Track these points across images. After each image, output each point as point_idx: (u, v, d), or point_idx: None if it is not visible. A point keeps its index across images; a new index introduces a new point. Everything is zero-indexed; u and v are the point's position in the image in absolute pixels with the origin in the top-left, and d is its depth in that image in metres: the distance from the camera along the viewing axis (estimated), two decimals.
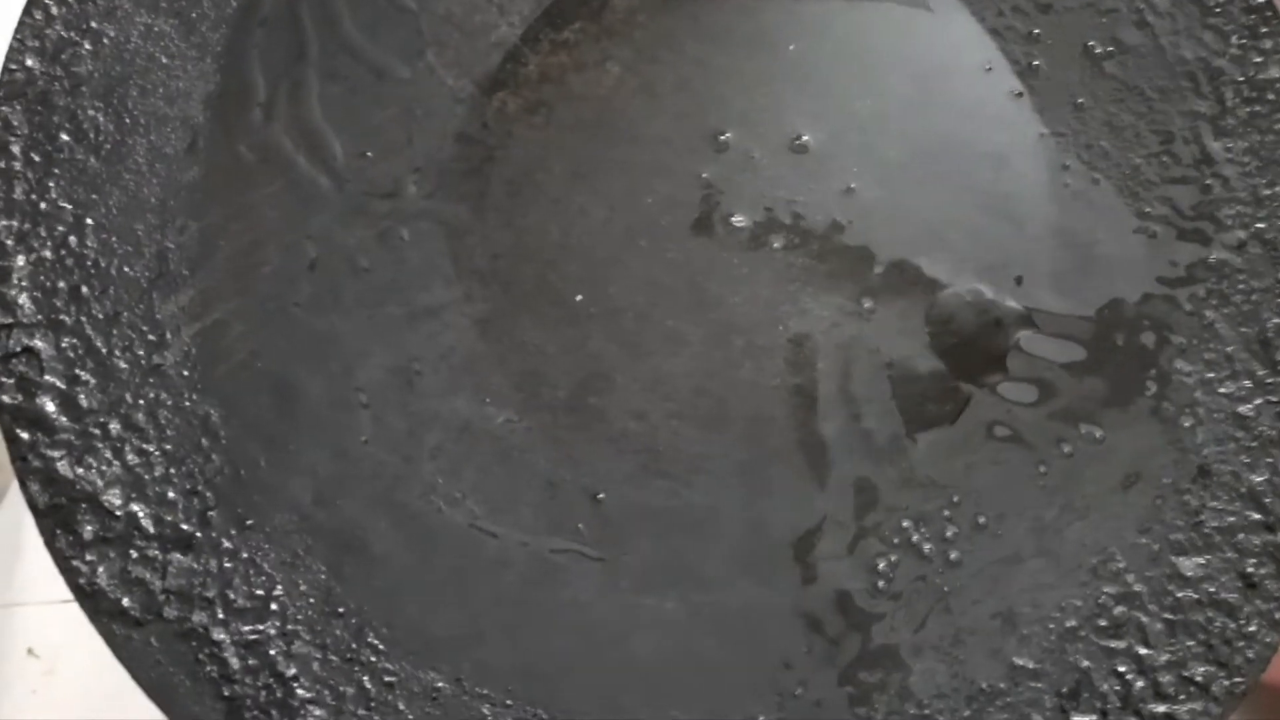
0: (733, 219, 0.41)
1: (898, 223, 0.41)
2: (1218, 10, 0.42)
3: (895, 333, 0.40)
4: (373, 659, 0.35)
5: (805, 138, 0.42)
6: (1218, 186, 0.42)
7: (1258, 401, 0.39)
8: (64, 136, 0.38)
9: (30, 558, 0.83)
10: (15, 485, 0.84)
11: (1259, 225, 0.41)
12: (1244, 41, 0.42)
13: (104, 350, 0.36)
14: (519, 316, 0.39)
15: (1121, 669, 0.37)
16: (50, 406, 0.35)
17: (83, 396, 0.36)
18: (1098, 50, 0.43)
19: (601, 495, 0.37)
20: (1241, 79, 0.42)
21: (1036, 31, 0.43)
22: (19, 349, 0.36)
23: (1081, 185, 0.42)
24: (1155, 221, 0.42)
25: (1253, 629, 0.37)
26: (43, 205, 0.37)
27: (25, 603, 0.82)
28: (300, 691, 0.34)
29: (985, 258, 0.41)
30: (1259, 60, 0.42)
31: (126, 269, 0.37)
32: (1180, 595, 0.37)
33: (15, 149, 0.37)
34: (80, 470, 0.35)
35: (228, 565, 0.35)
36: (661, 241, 0.40)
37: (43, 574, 0.82)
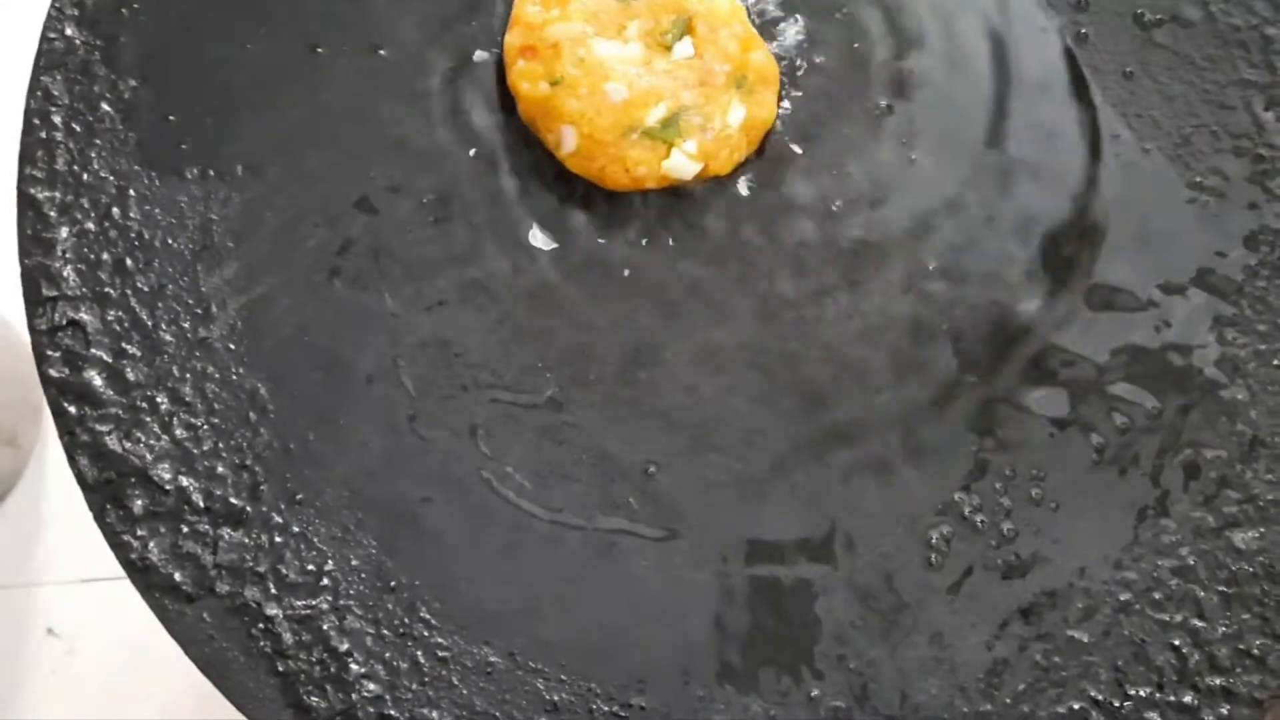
0: (783, 187, 0.40)
1: (952, 194, 0.40)
2: None
3: (949, 308, 0.39)
4: (426, 634, 0.35)
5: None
6: (1269, 156, 0.41)
7: None
8: (105, 107, 0.37)
9: (49, 538, 0.83)
10: (31, 465, 0.84)
11: None
12: None
13: (149, 323, 0.36)
14: (567, 289, 0.39)
15: (1177, 642, 0.36)
16: (97, 380, 0.35)
17: (129, 370, 0.35)
18: (1148, 18, 0.42)
19: (653, 469, 0.37)
20: None
21: (1085, 0, 0.43)
22: (65, 322, 0.35)
23: (1132, 156, 0.41)
24: (1207, 192, 0.41)
25: None
26: (85, 176, 0.37)
27: (44, 582, 0.82)
28: (354, 666, 0.34)
29: (1037, 232, 0.40)
30: None
31: (170, 241, 0.37)
32: (1235, 568, 0.37)
33: (56, 119, 0.37)
34: (129, 444, 0.34)
35: (279, 540, 0.35)
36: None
37: (62, 554, 0.82)
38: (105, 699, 0.80)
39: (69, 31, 0.37)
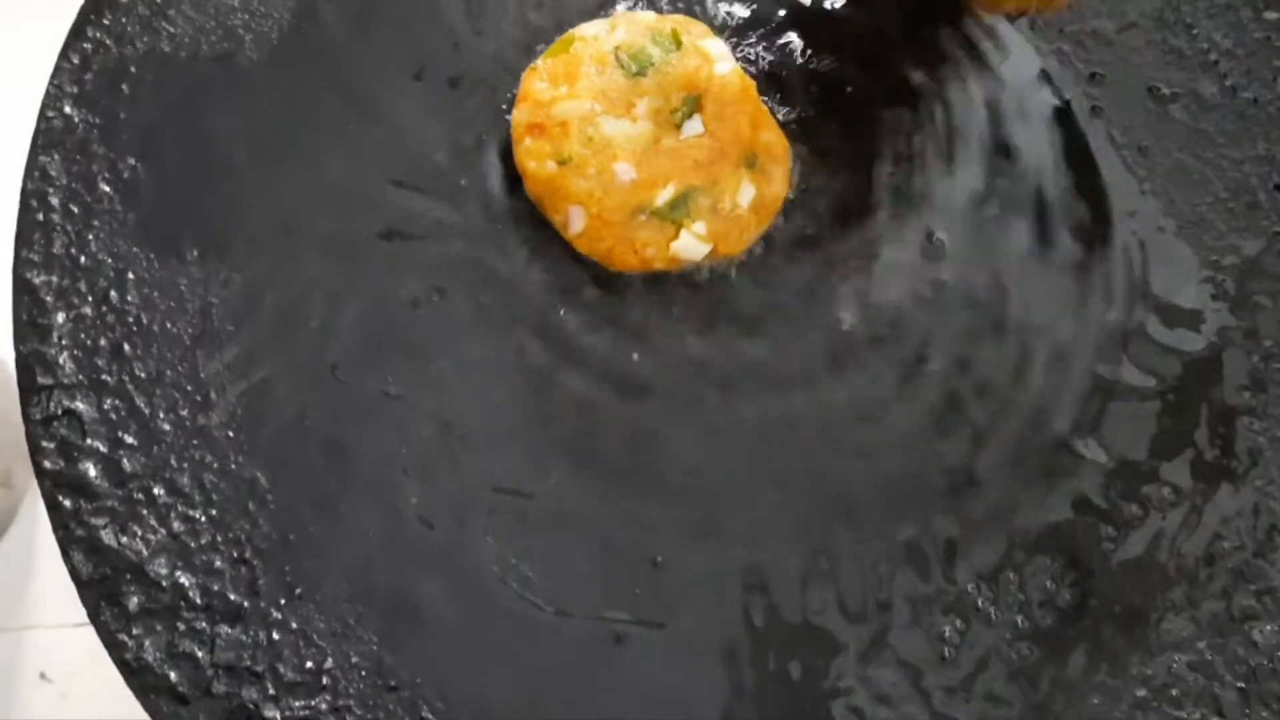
0: (793, 267, 0.39)
1: (965, 274, 0.40)
2: None
3: (963, 394, 0.39)
4: None
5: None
6: None
7: None
8: (104, 187, 0.36)
9: (41, 581, 0.81)
10: (25, 506, 0.82)
11: None
12: None
13: (147, 412, 0.35)
14: (572, 371, 0.38)
15: None
16: (93, 472, 0.34)
17: (126, 460, 0.35)
18: (1163, 92, 0.42)
19: (659, 559, 0.36)
20: None
21: (1099, 73, 0.42)
22: (60, 411, 0.34)
23: (1147, 233, 0.41)
24: (1222, 271, 0.41)
25: None
26: (83, 259, 0.36)
27: (37, 626, 0.81)
28: None
29: (1055, 315, 0.40)
30: None
31: (169, 325, 0.36)
32: (1254, 663, 0.36)
33: (54, 200, 0.36)
34: (125, 539, 0.34)
35: (277, 637, 0.34)
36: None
37: (54, 597, 0.81)
38: None
39: (68, 110, 0.37)
